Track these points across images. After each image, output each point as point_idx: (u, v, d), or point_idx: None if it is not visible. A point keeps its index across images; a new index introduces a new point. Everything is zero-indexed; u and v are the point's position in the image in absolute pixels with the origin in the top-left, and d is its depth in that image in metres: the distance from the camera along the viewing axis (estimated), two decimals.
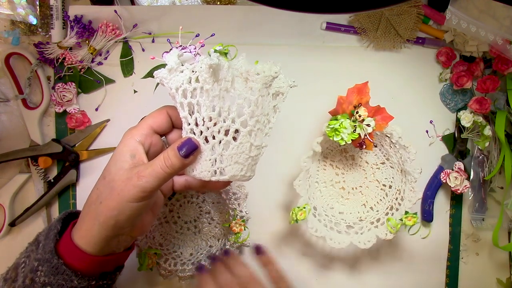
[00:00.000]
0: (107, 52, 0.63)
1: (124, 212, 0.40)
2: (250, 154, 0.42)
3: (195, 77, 0.40)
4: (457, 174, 0.61)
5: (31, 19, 0.62)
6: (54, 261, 0.41)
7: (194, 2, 0.64)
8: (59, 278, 0.41)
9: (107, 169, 0.42)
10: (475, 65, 0.61)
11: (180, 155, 0.40)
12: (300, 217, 0.54)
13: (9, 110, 0.63)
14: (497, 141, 0.62)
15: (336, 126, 0.53)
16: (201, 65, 0.39)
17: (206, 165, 0.42)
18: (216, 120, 0.41)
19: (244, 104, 0.41)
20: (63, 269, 0.41)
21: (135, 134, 0.42)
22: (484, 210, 0.64)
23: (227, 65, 0.40)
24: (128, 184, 0.40)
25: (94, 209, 0.41)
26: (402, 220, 0.56)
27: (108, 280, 0.45)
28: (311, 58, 0.64)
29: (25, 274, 0.43)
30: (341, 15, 0.64)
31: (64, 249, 0.42)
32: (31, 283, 0.42)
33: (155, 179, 0.40)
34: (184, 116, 0.41)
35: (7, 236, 0.63)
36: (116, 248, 0.44)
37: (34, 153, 0.61)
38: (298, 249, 0.64)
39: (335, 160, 0.63)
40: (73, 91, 0.61)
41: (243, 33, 0.64)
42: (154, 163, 0.40)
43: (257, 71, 0.41)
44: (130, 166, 0.41)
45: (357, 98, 0.54)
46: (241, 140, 0.41)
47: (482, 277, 0.65)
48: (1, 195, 0.62)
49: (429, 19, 0.63)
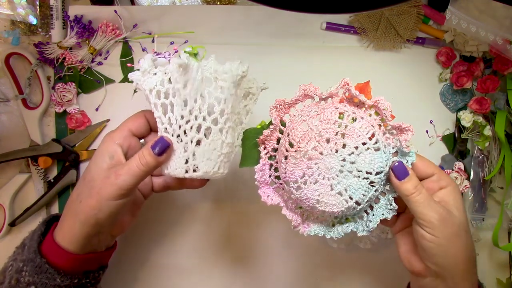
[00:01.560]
0: (107, 52, 0.63)
1: (103, 210, 0.42)
2: (222, 151, 0.44)
3: (167, 78, 0.42)
4: (457, 174, 0.61)
5: (31, 19, 0.62)
6: (37, 260, 0.43)
7: (194, 2, 0.64)
8: (42, 277, 0.42)
9: (87, 170, 0.44)
10: (475, 65, 0.61)
11: (154, 153, 0.42)
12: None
13: (9, 110, 0.63)
14: (497, 141, 0.62)
15: None
16: (172, 65, 0.41)
17: (179, 162, 0.43)
18: (187, 118, 0.42)
19: (214, 103, 0.43)
20: (46, 268, 0.42)
21: (114, 136, 0.45)
22: (484, 210, 0.64)
23: (196, 65, 0.42)
24: (106, 183, 0.42)
25: (74, 208, 0.43)
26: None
27: (92, 279, 0.46)
28: (311, 58, 0.64)
29: (11, 275, 0.44)
30: (341, 15, 0.64)
31: (47, 249, 0.44)
32: (17, 283, 0.43)
33: (132, 177, 0.42)
34: (158, 116, 0.43)
35: (7, 236, 0.63)
36: (98, 247, 0.46)
37: (34, 153, 0.61)
38: (299, 249, 0.64)
39: None
40: (73, 91, 0.61)
41: (243, 33, 0.64)
42: (131, 162, 0.43)
43: (225, 70, 0.42)
44: (108, 166, 0.43)
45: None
46: (213, 138, 0.43)
47: (482, 277, 0.65)
48: (1, 195, 0.62)
49: (429, 19, 0.63)
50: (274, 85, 0.64)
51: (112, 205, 0.42)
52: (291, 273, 0.64)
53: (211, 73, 0.43)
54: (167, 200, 0.63)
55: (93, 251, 0.46)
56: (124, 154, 0.45)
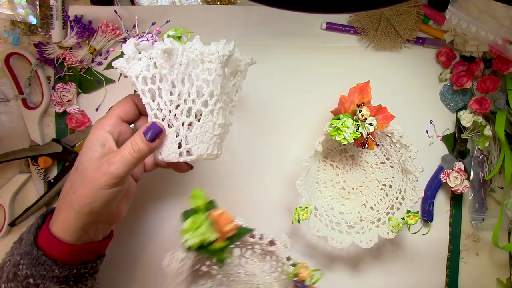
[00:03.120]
0: (107, 52, 0.63)
1: (97, 199, 0.42)
2: (214, 133, 0.44)
3: (153, 63, 0.41)
4: (457, 174, 0.61)
5: (31, 19, 0.62)
6: (34, 253, 0.42)
7: (194, 2, 0.64)
8: (40, 269, 0.42)
9: (78, 160, 0.43)
10: (475, 65, 0.61)
11: (146, 140, 0.42)
12: (302, 217, 0.54)
13: (9, 110, 0.63)
14: (497, 141, 0.62)
15: (339, 126, 0.53)
16: (156, 51, 0.40)
17: (172, 147, 0.43)
18: (177, 103, 0.42)
19: (203, 85, 0.42)
20: (43, 259, 0.42)
21: (103, 124, 0.44)
22: (484, 210, 0.64)
23: (181, 49, 0.41)
24: (99, 172, 0.41)
25: (68, 199, 0.43)
26: (404, 219, 0.56)
27: (90, 269, 0.46)
28: (311, 58, 0.64)
29: (8, 270, 0.44)
30: (341, 15, 0.64)
31: (43, 241, 0.43)
32: (14, 277, 0.43)
33: (125, 164, 0.41)
34: (147, 102, 0.43)
35: (7, 236, 0.63)
36: (94, 236, 0.46)
37: (34, 153, 0.61)
38: (299, 250, 0.64)
39: (335, 160, 0.63)
40: (73, 91, 0.61)
41: (243, 33, 0.64)
42: (123, 149, 0.42)
43: (211, 51, 0.41)
44: (100, 155, 0.42)
45: (358, 98, 0.54)
46: (204, 120, 0.43)
47: (482, 277, 0.65)
48: (1, 195, 0.62)
49: (429, 19, 0.63)
50: (274, 85, 0.64)
51: (106, 194, 0.42)
52: None
53: (197, 55, 0.42)
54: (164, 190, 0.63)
55: (90, 241, 0.45)
56: (115, 141, 0.44)
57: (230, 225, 0.42)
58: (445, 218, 0.64)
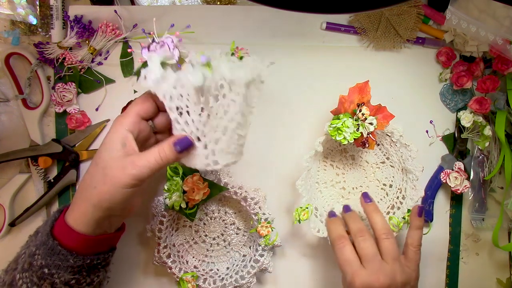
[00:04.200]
0: (107, 52, 0.63)
1: (117, 197, 0.43)
2: (239, 143, 0.45)
3: (180, 84, 0.42)
4: (457, 174, 0.61)
5: (31, 19, 0.62)
6: (50, 243, 0.44)
7: (194, 2, 0.64)
8: (55, 259, 0.44)
9: (98, 156, 0.45)
10: (475, 65, 0.61)
11: (175, 150, 0.43)
12: (303, 217, 0.54)
13: (9, 110, 0.63)
14: (497, 141, 0.62)
15: (339, 125, 0.53)
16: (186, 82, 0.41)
17: (200, 159, 0.45)
18: (205, 120, 0.43)
19: (230, 103, 0.43)
20: (58, 249, 0.44)
21: (124, 123, 0.45)
22: (484, 210, 0.64)
23: (211, 77, 0.42)
24: (123, 173, 0.43)
25: (88, 194, 0.44)
26: (404, 218, 0.56)
27: (102, 261, 0.48)
28: (311, 58, 0.64)
29: (24, 260, 0.45)
30: (341, 15, 0.64)
31: (59, 232, 0.45)
32: (29, 266, 0.44)
33: (148, 169, 0.43)
34: (174, 117, 0.44)
35: (7, 236, 0.63)
36: (108, 229, 0.48)
37: (34, 153, 0.61)
38: (300, 250, 0.64)
39: (335, 160, 0.63)
40: (73, 91, 0.61)
41: (243, 33, 0.64)
42: (149, 154, 0.43)
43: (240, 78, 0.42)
44: (122, 154, 0.44)
45: (358, 97, 0.54)
46: (230, 134, 0.44)
47: (482, 277, 0.65)
48: (1, 195, 0.62)
49: (429, 19, 0.63)
50: (274, 85, 0.64)
51: (126, 192, 0.43)
52: (291, 273, 0.64)
53: (225, 80, 0.43)
54: None
55: (104, 232, 0.47)
56: (135, 139, 0.45)
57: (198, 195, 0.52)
58: (445, 218, 0.64)
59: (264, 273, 0.61)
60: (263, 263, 0.58)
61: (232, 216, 0.62)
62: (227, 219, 0.62)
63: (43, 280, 0.44)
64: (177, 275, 0.57)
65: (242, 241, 0.62)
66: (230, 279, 0.59)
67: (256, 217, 0.57)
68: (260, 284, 0.63)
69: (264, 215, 0.58)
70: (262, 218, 0.57)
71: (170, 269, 0.57)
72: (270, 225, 0.57)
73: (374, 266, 0.49)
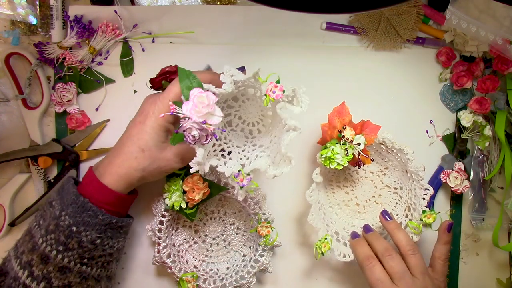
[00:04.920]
0: (107, 52, 0.63)
1: (157, 176, 0.51)
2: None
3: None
4: (457, 174, 0.61)
5: (31, 19, 0.62)
6: (80, 201, 0.47)
7: (194, 2, 0.64)
8: (85, 216, 0.47)
9: (143, 140, 0.49)
10: (475, 65, 0.61)
11: None
12: (325, 249, 0.54)
13: (9, 110, 0.63)
14: (497, 141, 0.62)
15: (329, 155, 0.52)
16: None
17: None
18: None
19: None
20: (89, 206, 0.47)
21: (163, 110, 0.48)
22: (484, 210, 0.64)
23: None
24: (169, 164, 0.50)
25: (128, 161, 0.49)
26: (422, 220, 0.56)
27: (124, 225, 0.52)
28: (311, 58, 0.64)
29: (47, 223, 0.48)
30: (341, 15, 0.64)
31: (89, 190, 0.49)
32: (56, 227, 0.47)
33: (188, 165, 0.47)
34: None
35: (7, 236, 0.63)
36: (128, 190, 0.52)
37: (34, 153, 0.61)
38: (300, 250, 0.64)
39: (341, 180, 0.63)
40: (73, 91, 0.61)
41: (243, 33, 0.64)
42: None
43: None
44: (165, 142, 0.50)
45: (339, 121, 0.54)
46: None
47: (482, 277, 0.65)
48: (1, 195, 0.62)
49: (429, 19, 0.63)
50: None
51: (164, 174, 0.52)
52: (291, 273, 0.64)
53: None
54: None
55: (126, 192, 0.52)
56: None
57: (199, 195, 0.53)
58: (445, 218, 0.64)
59: (264, 273, 0.61)
60: (263, 263, 0.58)
61: (232, 216, 0.62)
62: (227, 219, 0.62)
63: (70, 239, 0.46)
64: (177, 275, 0.57)
65: (242, 241, 0.62)
66: (230, 279, 0.59)
67: (256, 217, 0.57)
68: (260, 284, 0.64)
69: (264, 215, 0.58)
70: (262, 218, 0.57)
71: (170, 269, 0.57)
72: (270, 225, 0.57)
73: (407, 283, 0.49)
